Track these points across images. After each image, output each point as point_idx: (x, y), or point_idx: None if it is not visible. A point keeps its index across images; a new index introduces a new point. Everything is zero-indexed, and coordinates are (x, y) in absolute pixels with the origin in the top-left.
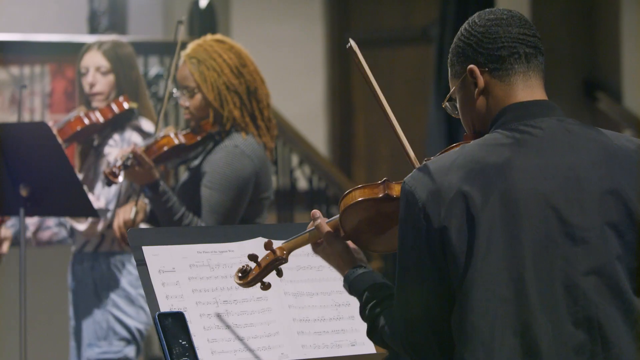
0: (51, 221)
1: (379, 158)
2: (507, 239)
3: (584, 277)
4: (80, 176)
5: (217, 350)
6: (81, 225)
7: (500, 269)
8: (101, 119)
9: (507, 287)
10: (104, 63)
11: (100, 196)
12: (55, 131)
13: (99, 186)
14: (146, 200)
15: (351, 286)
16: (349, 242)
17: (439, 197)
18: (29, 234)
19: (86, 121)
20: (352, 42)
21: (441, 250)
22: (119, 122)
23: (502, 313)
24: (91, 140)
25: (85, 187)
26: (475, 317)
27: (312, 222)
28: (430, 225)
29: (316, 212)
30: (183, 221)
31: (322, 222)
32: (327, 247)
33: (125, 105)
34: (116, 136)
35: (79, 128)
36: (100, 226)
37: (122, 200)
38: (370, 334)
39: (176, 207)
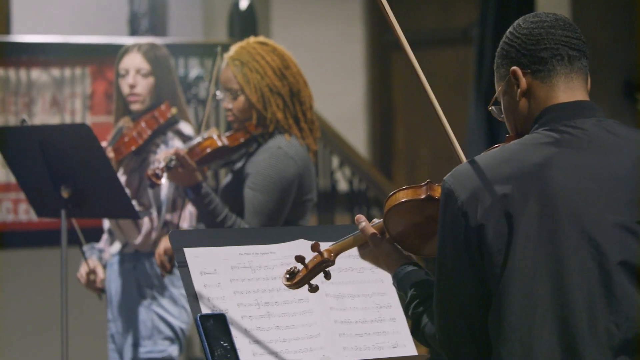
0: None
1: (419, 159)
2: (545, 238)
3: (624, 277)
4: (122, 179)
5: (258, 352)
6: (136, 239)
7: (538, 268)
8: (149, 131)
9: (546, 285)
10: (144, 65)
11: (151, 201)
12: (110, 152)
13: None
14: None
15: (399, 284)
16: None
17: (477, 195)
18: (106, 255)
19: (139, 141)
20: None
21: (478, 249)
22: (161, 129)
23: (540, 311)
24: None
25: (128, 192)
26: (513, 315)
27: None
28: (468, 224)
29: (360, 216)
30: (226, 223)
31: (367, 225)
32: (374, 249)
33: (168, 114)
34: (162, 145)
35: (133, 148)
36: (153, 235)
37: (168, 206)
38: (414, 332)
39: (218, 209)
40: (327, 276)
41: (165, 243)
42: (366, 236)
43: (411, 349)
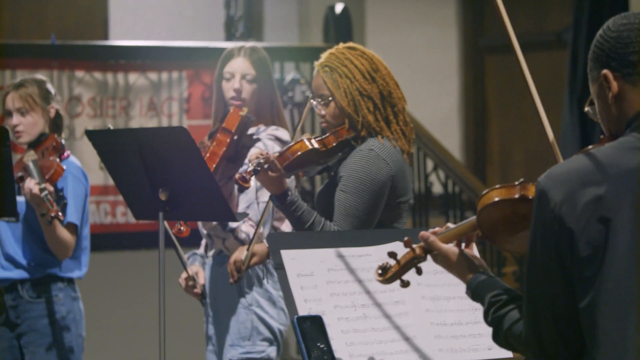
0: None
1: (513, 162)
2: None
3: None
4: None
5: (354, 353)
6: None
7: (632, 274)
8: (221, 151)
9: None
10: (250, 71)
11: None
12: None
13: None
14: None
15: (474, 292)
16: (468, 250)
17: (571, 198)
18: (208, 260)
19: (215, 158)
20: None
21: (570, 252)
22: (237, 140)
23: (634, 318)
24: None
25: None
26: (606, 320)
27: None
28: (561, 227)
29: (424, 232)
30: (314, 229)
31: (433, 238)
32: (445, 260)
33: (238, 117)
34: (261, 146)
35: (214, 165)
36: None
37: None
38: (495, 337)
39: (305, 216)
40: (419, 272)
41: (237, 254)
42: (435, 249)
43: (506, 351)
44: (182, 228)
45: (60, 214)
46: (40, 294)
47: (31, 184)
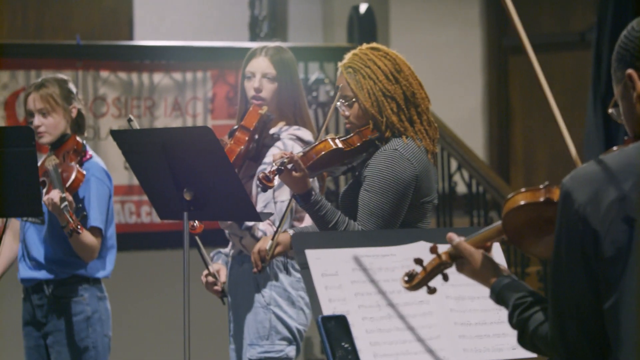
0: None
1: (537, 162)
2: None
3: None
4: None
5: (379, 353)
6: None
7: None
8: (239, 148)
9: None
10: (270, 70)
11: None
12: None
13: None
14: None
15: (498, 295)
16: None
17: (595, 199)
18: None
19: (232, 155)
20: None
21: (594, 253)
22: (257, 138)
23: None
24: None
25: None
26: (630, 320)
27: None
28: (585, 228)
29: (452, 235)
30: (337, 228)
31: (461, 241)
32: (470, 264)
33: (256, 116)
34: (280, 145)
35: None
36: None
37: (292, 219)
38: (521, 339)
39: (329, 215)
40: (445, 278)
41: (261, 244)
42: (462, 252)
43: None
44: (195, 224)
45: (79, 226)
46: (65, 294)
47: (52, 194)
